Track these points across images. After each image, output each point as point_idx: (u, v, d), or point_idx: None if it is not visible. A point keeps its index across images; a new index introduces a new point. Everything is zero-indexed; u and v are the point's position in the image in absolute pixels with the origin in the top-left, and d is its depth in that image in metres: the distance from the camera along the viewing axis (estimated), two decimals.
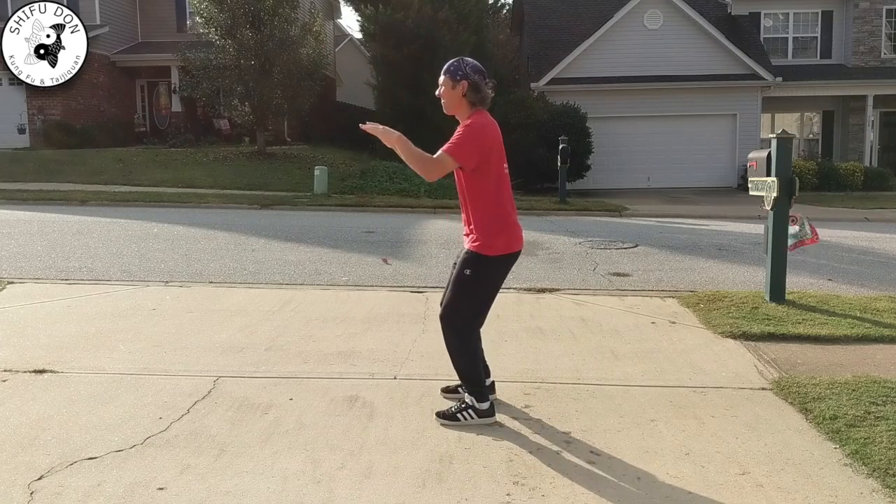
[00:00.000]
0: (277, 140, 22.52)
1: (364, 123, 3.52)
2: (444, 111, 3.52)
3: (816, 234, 5.92)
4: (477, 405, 3.46)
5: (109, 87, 22.94)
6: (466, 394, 3.52)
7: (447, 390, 3.79)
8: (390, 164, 17.58)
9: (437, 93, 3.51)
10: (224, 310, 5.62)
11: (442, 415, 3.49)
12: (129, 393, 3.79)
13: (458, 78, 3.40)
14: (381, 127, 3.44)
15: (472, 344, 3.51)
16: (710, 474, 2.98)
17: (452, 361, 3.55)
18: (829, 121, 23.61)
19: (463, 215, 3.55)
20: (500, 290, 3.62)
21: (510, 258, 3.49)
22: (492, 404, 3.52)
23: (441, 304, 3.60)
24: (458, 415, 3.46)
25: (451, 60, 3.49)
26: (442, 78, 3.46)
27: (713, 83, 20.79)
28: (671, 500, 2.79)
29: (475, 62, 3.48)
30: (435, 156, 3.34)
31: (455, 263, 3.55)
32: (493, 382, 3.71)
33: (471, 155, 3.33)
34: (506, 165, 3.50)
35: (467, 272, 3.42)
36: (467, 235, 3.51)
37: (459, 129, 3.38)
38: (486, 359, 3.77)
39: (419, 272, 7.42)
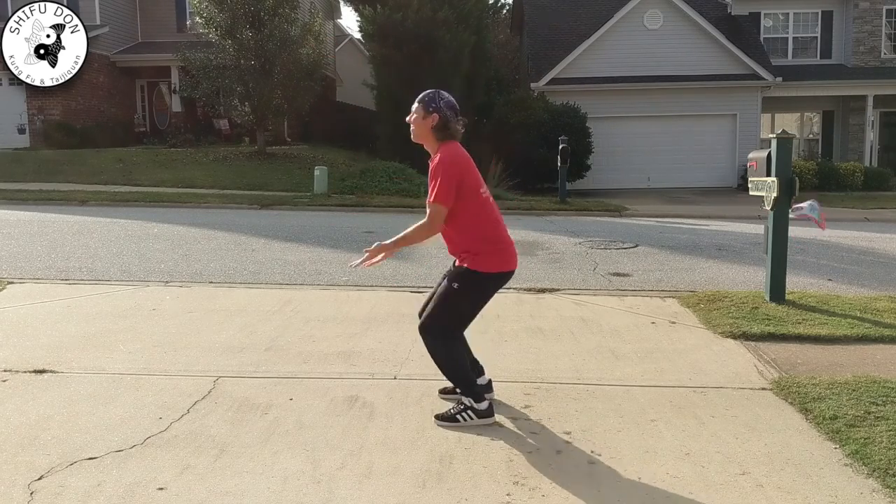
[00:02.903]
0: (277, 140, 22.51)
1: (354, 265, 3.59)
2: (412, 138, 3.54)
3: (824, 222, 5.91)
4: (475, 405, 3.46)
5: (109, 87, 22.94)
6: (463, 395, 3.52)
7: (444, 391, 3.79)
8: (390, 164, 17.57)
9: (407, 119, 3.51)
10: (224, 310, 5.61)
11: (441, 417, 3.49)
12: (129, 393, 3.79)
13: (431, 110, 3.41)
14: (377, 253, 3.54)
15: (454, 350, 3.52)
16: (710, 474, 2.98)
17: (439, 367, 3.56)
18: (829, 121, 23.61)
19: (448, 245, 3.54)
20: (500, 291, 3.62)
21: (502, 277, 3.48)
22: (490, 404, 3.52)
23: (420, 314, 3.59)
24: (458, 416, 3.46)
25: (427, 91, 3.50)
26: (415, 106, 3.47)
27: (713, 83, 20.80)
28: (671, 500, 2.79)
29: (450, 98, 3.49)
30: (428, 217, 3.39)
31: (444, 275, 3.54)
32: (489, 381, 3.71)
33: (450, 191, 3.35)
34: (484, 189, 3.50)
35: (455, 286, 3.42)
36: (457, 253, 3.50)
37: (432, 170, 3.40)
38: (485, 358, 3.76)
39: (419, 272, 7.42)
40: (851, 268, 8.39)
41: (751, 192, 6.15)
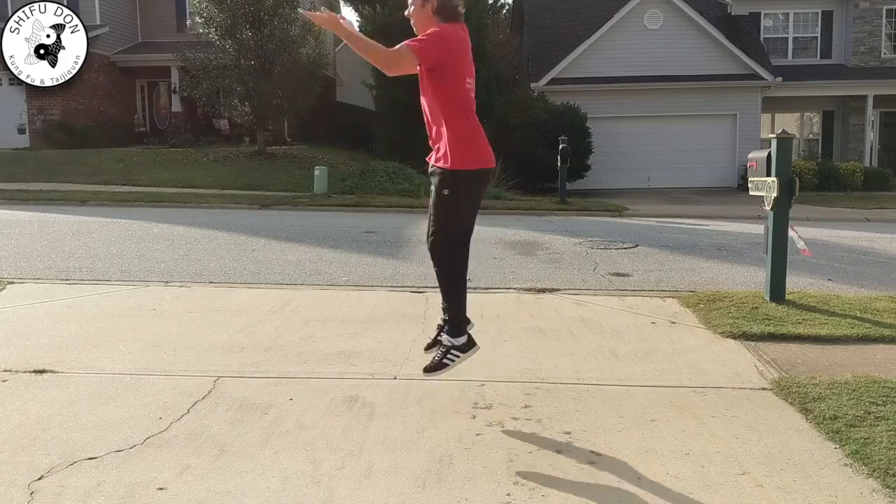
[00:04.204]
0: (277, 140, 22.52)
1: (303, 11, 3.45)
2: (416, 32, 3.46)
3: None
4: (454, 342, 3.49)
5: (109, 87, 22.95)
6: (445, 336, 3.54)
7: (428, 347, 3.82)
8: (390, 164, 17.58)
9: (406, 13, 3.47)
10: (224, 310, 5.61)
11: (429, 368, 3.54)
12: (129, 393, 3.79)
13: None
14: (323, 15, 3.32)
15: (460, 266, 3.54)
16: (710, 474, 2.98)
17: (441, 288, 3.57)
18: (829, 121, 23.63)
19: (430, 133, 3.51)
20: (500, 290, 3.63)
21: (483, 174, 3.47)
22: (469, 336, 3.55)
23: (427, 236, 3.59)
24: (444, 360, 3.50)
25: None
26: None
27: (713, 83, 20.81)
28: (671, 500, 2.79)
29: None
30: (393, 48, 3.26)
31: (431, 188, 3.51)
32: (467, 318, 3.70)
33: (431, 50, 3.27)
34: (471, 80, 3.45)
35: (445, 192, 3.40)
36: (436, 155, 3.46)
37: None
38: (485, 359, 3.78)
39: (419, 272, 7.42)
40: (851, 268, 8.39)
41: (751, 192, 6.14)
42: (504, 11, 31.04)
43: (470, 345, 3.55)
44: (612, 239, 10.18)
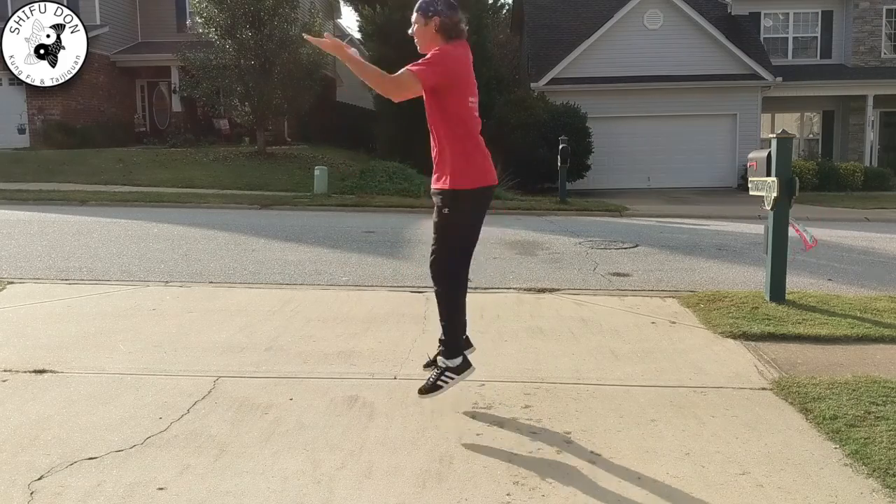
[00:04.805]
0: (277, 140, 22.52)
1: (307, 35, 3.48)
2: (419, 50, 3.49)
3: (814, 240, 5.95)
4: (449, 363, 3.50)
5: (109, 87, 22.96)
6: (440, 357, 3.56)
7: (427, 365, 3.83)
8: (390, 163, 17.58)
9: (409, 32, 3.49)
10: (224, 310, 5.61)
11: (424, 389, 3.53)
12: (129, 393, 3.79)
13: (430, 14, 3.40)
14: (327, 41, 3.37)
15: (459, 289, 3.55)
16: (710, 474, 2.98)
17: (440, 309, 3.57)
18: (829, 121, 23.63)
19: (434, 156, 3.53)
20: (500, 290, 3.63)
21: (485, 192, 3.48)
22: (464, 357, 3.55)
23: (430, 255, 3.61)
24: (438, 382, 3.50)
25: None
26: (414, 16, 3.45)
27: (713, 83, 20.81)
28: (671, 500, 2.79)
29: None
30: (397, 75, 3.28)
31: (434, 208, 3.53)
32: (467, 337, 3.72)
33: (432, 74, 3.29)
34: (473, 99, 3.47)
35: (446, 211, 3.42)
36: (437, 176, 3.49)
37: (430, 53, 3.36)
38: (485, 359, 3.77)
39: (419, 272, 7.42)
40: (851, 268, 8.39)
41: (751, 192, 6.14)
42: (504, 11, 31.05)
43: (465, 366, 3.53)
44: (612, 239, 10.18)
